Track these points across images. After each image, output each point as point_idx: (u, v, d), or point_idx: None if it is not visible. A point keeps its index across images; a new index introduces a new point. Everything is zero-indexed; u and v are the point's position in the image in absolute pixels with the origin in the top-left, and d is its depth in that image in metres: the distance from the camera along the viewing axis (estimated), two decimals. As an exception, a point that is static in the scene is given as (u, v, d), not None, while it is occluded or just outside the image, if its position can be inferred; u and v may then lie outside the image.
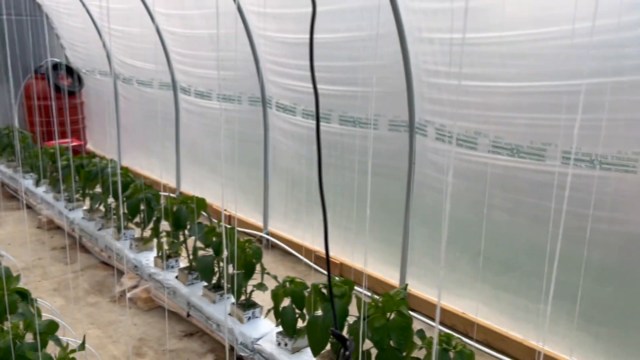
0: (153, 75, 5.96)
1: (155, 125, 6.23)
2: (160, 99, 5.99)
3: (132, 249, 4.00)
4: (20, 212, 5.61)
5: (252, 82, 4.62)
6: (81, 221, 4.63)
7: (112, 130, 7.05)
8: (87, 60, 7.26)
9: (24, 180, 5.76)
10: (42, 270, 4.26)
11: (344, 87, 3.75)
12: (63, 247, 4.73)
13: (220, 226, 3.22)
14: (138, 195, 3.82)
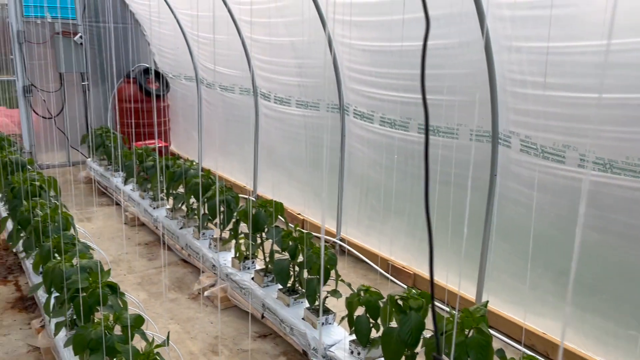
0: (235, 81, 6.16)
1: (235, 128, 6.43)
2: (241, 104, 6.18)
3: (211, 248, 4.15)
4: (109, 208, 5.97)
5: (331, 89, 4.66)
6: (164, 219, 4.86)
7: (194, 133, 7.35)
8: (174, 66, 7.62)
9: (114, 178, 6.12)
10: (128, 264, 4.51)
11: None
12: (147, 243, 4.98)
13: (296, 231, 3.26)
14: (219, 197, 3.94)
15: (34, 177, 3.87)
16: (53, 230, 3.25)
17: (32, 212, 3.44)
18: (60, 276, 2.67)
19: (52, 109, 7.54)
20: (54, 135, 7.56)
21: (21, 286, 4.02)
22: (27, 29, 7.17)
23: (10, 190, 3.82)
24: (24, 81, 7.27)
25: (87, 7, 7.50)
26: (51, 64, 7.41)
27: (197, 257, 4.26)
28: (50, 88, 7.49)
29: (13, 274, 4.24)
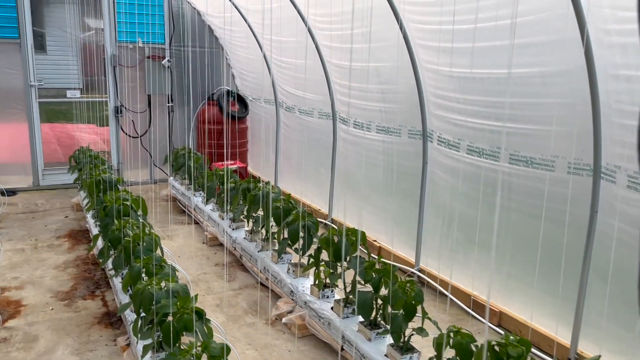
0: (314, 105, 6.20)
1: (312, 152, 6.45)
2: (319, 128, 6.20)
3: (289, 273, 4.12)
4: (189, 227, 6.12)
5: (414, 115, 4.56)
6: (242, 241, 4.90)
7: (271, 155, 7.45)
8: (254, 89, 7.80)
9: (194, 197, 6.29)
10: (206, 285, 4.57)
11: (517, 125, 3.52)
12: (224, 264, 5.04)
13: (379, 262, 3.17)
14: (299, 222, 3.93)
15: (124, 197, 4.02)
16: (141, 250, 3.34)
17: (122, 231, 3.56)
18: (149, 299, 2.72)
19: (139, 129, 7.90)
20: (138, 153, 7.91)
21: (108, 302, 4.15)
22: (120, 52, 7.60)
23: (102, 209, 3.98)
24: (115, 102, 7.68)
25: (175, 32, 7.86)
26: (140, 86, 7.79)
27: (275, 281, 4.25)
28: (138, 109, 7.86)
29: (100, 288, 4.41)
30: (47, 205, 6.81)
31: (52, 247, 5.34)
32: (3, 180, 7.15)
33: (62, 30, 7.78)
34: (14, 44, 6.99)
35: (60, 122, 8.87)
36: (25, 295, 4.24)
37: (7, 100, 7.12)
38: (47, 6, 9.04)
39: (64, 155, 7.88)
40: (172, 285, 2.75)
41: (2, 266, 4.78)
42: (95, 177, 4.81)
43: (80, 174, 6.11)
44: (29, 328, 3.72)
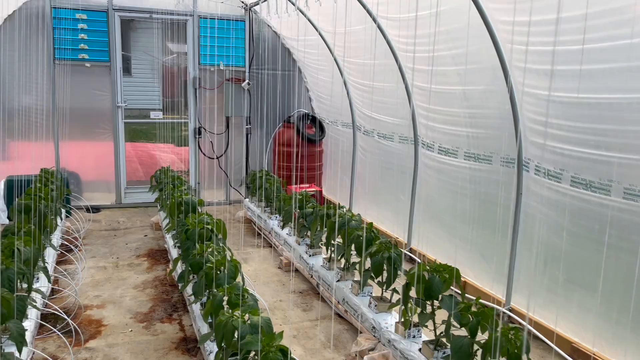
0: (395, 129, 6.00)
1: (390, 177, 6.23)
2: (399, 152, 5.98)
3: (370, 307, 3.90)
4: (264, 250, 6.04)
5: (507, 142, 4.25)
6: (320, 269, 4.74)
7: (346, 178, 7.29)
8: (331, 112, 7.72)
9: (270, 220, 6.22)
10: (283, 313, 4.42)
11: (633, 155, 3.15)
12: (301, 292, 4.89)
13: (475, 304, 2.89)
14: (382, 253, 3.71)
15: (205, 220, 3.96)
16: (222, 277, 3.24)
17: (204, 257, 3.49)
18: (232, 332, 2.59)
19: (217, 150, 8.00)
20: (215, 174, 8.00)
21: (185, 326, 4.09)
22: (201, 75, 7.76)
23: (184, 232, 3.94)
24: (195, 123, 7.83)
25: (254, 55, 7.95)
26: (219, 108, 7.91)
27: (355, 314, 4.03)
28: (216, 130, 7.97)
29: (177, 312, 4.37)
30: (128, 223, 6.98)
31: (132, 266, 5.41)
32: (89, 197, 7.42)
33: (147, 54, 8.07)
34: (104, 67, 7.30)
35: (142, 141, 9.18)
36: (106, 314, 4.27)
37: (96, 121, 7.42)
38: (134, 31, 9.45)
39: (145, 173, 8.11)
40: (256, 319, 2.61)
41: (86, 283, 4.86)
42: (177, 199, 4.82)
43: (161, 194, 6.20)
44: (109, 350, 3.71)
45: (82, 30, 7.10)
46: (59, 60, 7.05)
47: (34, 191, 4.72)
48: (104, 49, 7.24)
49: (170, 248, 5.26)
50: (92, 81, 7.30)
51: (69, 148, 7.34)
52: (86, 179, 7.54)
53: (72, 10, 6.99)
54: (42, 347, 3.67)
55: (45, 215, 4.46)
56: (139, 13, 7.44)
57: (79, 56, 7.14)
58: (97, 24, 7.17)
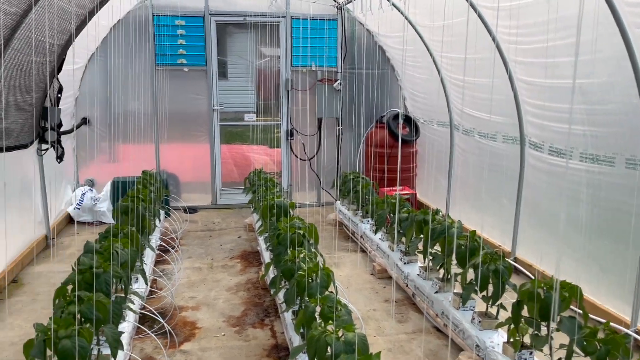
0: (498, 128, 5.56)
1: (492, 180, 5.80)
2: (502, 153, 5.54)
3: (474, 323, 3.57)
4: (355, 255, 5.85)
5: (634, 142, 3.73)
6: (416, 278, 4.46)
7: (443, 181, 6.91)
8: (426, 111, 7.37)
9: (362, 224, 6.01)
10: (376, 324, 4.20)
11: None
12: (395, 301, 4.64)
13: (605, 329, 2.50)
14: (488, 265, 3.37)
15: (298, 225, 3.84)
16: (314, 287, 3.08)
17: (296, 263, 3.36)
18: (324, 348, 2.42)
19: (308, 152, 7.93)
20: (307, 176, 7.94)
21: (276, 333, 4.00)
22: (293, 77, 7.73)
23: (276, 237, 3.84)
24: (288, 125, 7.81)
25: (347, 55, 7.79)
26: (311, 110, 7.84)
27: (456, 330, 3.72)
28: (308, 132, 7.91)
29: (269, 317, 4.29)
30: (223, 224, 7.08)
31: (225, 267, 5.44)
32: (186, 197, 7.65)
33: (242, 58, 8.18)
34: (201, 71, 7.49)
35: (236, 143, 9.35)
36: (200, 317, 4.28)
37: (193, 124, 7.63)
38: (229, 36, 9.66)
39: (239, 175, 8.23)
40: (351, 335, 2.42)
41: (182, 284, 4.94)
42: (269, 201, 4.76)
43: (254, 196, 6.22)
44: (202, 354, 3.69)
45: (181, 36, 7.32)
46: (159, 66, 7.32)
47: (135, 193, 4.86)
48: (201, 53, 7.42)
49: (263, 251, 5.22)
50: (189, 85, 7.51)
51: (168, 150, 7.60)
52: (184, 180, 7.78)
53: (172, 17, 7.22)
54: (140, 348, 3.72)
55: (144, 216, 4.57)
56: (233, 17, 7.55)
57: (177, 61, 7.37)
58: (195, 29, 7.36)
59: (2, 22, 3.57)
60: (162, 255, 5.39)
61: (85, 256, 3.05)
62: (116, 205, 4.73)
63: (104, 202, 6.90)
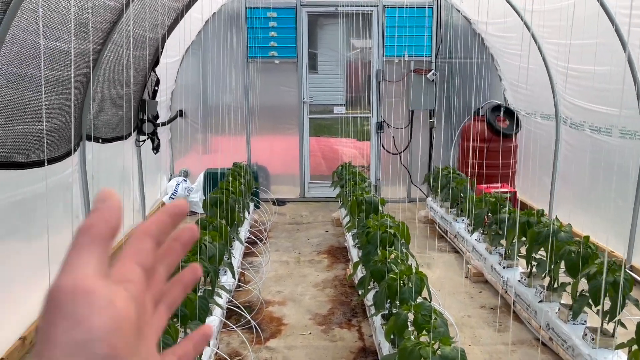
0: (612, 121, 4.99)
1: (604, 178, 5.22)
2: (617, 149, 4.97)
3: (585, 340, 3.18)
4: (448, 256, 5.53)
5: None
6: (517, 284, 4.10)
7: (546, 178, 6.38)
8: (529, 102, 6.84)
9: (456, 223, 5.68)
10: (472, 332, 3.90)
11: None
12: (492, 308, 4.30)
13: None
14: (606, 276, 2.98)
15: (388, 224, 3.63)
16: (406, 291, 2.87)
17: (386, 265, 3.16)
18: (419, 362, 2.20)
19: (399, 145, 7.66)
20: (396, 170, 7.67)
21: (364, 335, 3.83)
22: (385, 67, 7.48)
23: (365, 235, 3.66)
24: (378, 118, 7.59)
25: (442, 44, 7.41)
26: (402, 102, 7.55)
27: (563, 345, 3.35)
28: (399, 125, 7.63)
29: (356, 317, 4.13)
30: (310, 218, 7.02)
31: (312, 262, 5.35)
32: (275, 190, 7.67)
33: (332, 50, 8.05)
34: (291, 63, 7.45)
35: (325, 136, 9.28)
36: (287, 312, 4.21)
37: (283, 116, 7.63)
38: (320, 28, 9.59)
39: (327, 168, 8.14)
40: (448, 350, 2.19)
41: (269, 278, 4.90)
42: (358, 197, 4.59)
43: (342, 190, 6.07)
44: (287, 352, 3.60)
45: (272, 28, 7.32)
46: (251, 59, 7.36)
47: (225, 185, 4.88)
48: (292, 45, 7.38)
49: (350, 247, 5.06)
50: (280, 78, 7.50)
51: (259, 142, 7.66)
52: (273, 173, 7.80)
53: (264, 9, 7.23)
54: (226, 342, 3.70)
55: (234, 209, 4.56)
56: (325, 7, 7.42)
57: (269, 54, 7.38)
58: (286, 20, 7.32)
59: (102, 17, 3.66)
60: (250, 247, 5.40)
61: (175, 249, 3.04)
62: (207, 197, 4.78)
63: (196, 192, 7.08)
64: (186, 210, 0.46)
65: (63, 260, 0.39)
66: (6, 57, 2.93)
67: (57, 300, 0.37)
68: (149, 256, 0.43)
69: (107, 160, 5.02)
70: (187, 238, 0.47)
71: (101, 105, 4.63)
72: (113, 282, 0.39)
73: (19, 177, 3.39)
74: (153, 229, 0.44)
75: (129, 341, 0.37)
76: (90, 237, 0.40)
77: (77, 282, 0.37)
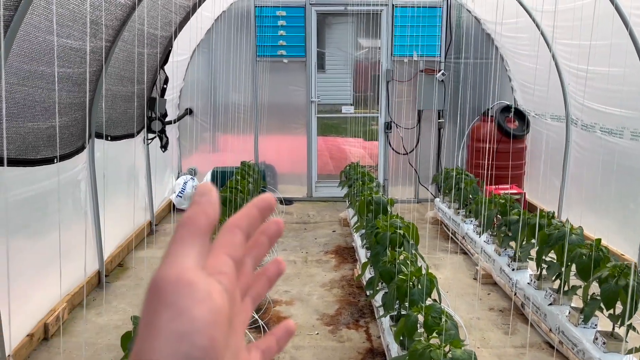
0: (624, 123, 4.94)
1: (615, 181, 5.17)
2: (629, 152, 4.92)
3: (596, 344, 3.15)
4: (456, 257, 5.50)
5: None
6: (526, 287, 4.06)
7: (556, 180, 6.33)
8: (539, 103, 6.79)
9: (464, 224, 5.65)
10: (481, 334, 3.87)
11: None
12: (501, 310, 4.27)
13: None
14: (618, 280, 2.95)
15: (397, 224, 3.61)
16: (416, 293, 2.84)
17: (395, 264, 3.14)
18: (429, 365, 2.18)
19: (407, 145, 7.63)
20: (404, 170, 7.63)
21: (372, 336, 3.81)
22: (394, 67, 7.45)
23: (374, 235, 3.64)
24: (386, 117, 7.56)
25: (451, 43, 7.37)
26: (411, 102, 7.52)
27: (574, 349, 3.31)
28: (408, 125, 7.60)
29: (364, 318, 4.11)
30: (318, 217, 7.00)
31: (320, 262, 5.33)
32: (283, 189, 7.65)
33: (340, 50, 8.02)
34: (300, 62, 7.43)
35: (332, 135, 9.25)
36: (294, 312, 4.20)
37: (291, 115, 7.61)
38: (328, 27, 9.56)
39: (334, 167, 8.11)
40: (459, 353, 2.16)
41: (276, 277, 4.88)
42: (366, 197, 4.57)
43: (350, 190, 6.05)
44: (295, 352, 3.59)
45: (281, 27, 7.30)
46: (260, 58, 7.35)
47: (233, 184, 4.87)
48: (301, 44, 7.36)
49: (358, 247, 5.04)
50: (288, 77, 7.49)
51: (267, 141, 7.65)
52: (281, 172, 7.79)
53: (273, 7, 7.22)
54: (233, 341, 3.69)
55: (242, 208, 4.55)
56: (334, 6, 7.40)
57: (277, 53, 7.37)
58: (295, 19, 7.30)
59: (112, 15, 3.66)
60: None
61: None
62: (215, 195, 4.77)
63: (204, 191, 7.06)
64: (274, 205, 0.48)
65: (165, 252, 0.40)
66: (17, 53, 2.93)
67: (161, 291, 0.38)
68: (239, 249, 0.44)
69: (115, 158, 5.02)
70: (273, 231, 0.49)
71: (110, 103, 4.63)
72: (208, 274, 0.40)
73: (26, 174, 3.39)
74: (243, 222, 0.45)
75: (224, 333, 0.38)
76: (191, 230, 0.41)
77: (180, 273, 0.39)
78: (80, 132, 4.08)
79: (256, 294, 0.49)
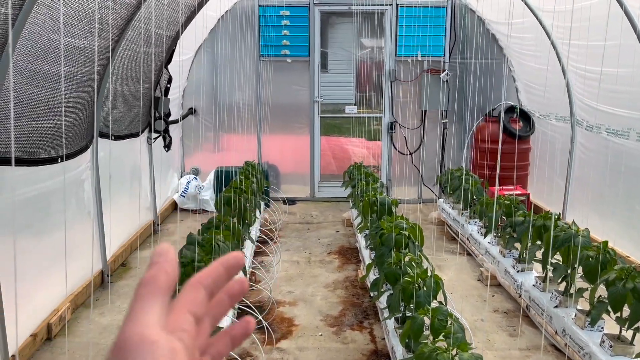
0: (631, 124, 4.91)
1: (622, 183, 5.14)
2: (635, 153, 4.89)
3: (603, 347, 3.13)
4: (460, 258, 5.48)
5: None
6: (531, 288, 4.04)
7: (560, 181, 6.29)
8: (543, 104, 6.76)
9: (468, 225, 5.62)
10: (485, 336, 3.85)
11: None
12: (506, 312, 4.25)
13: None
14: (625, 282, 2.92)
15: (402, 225, 3.59)
16: (422, 295, 2.82)
17: (400, 266, 3.12)
18: (436, 368, 2.16)
19: (411, 146, 7.61)
20: (407, 171, 7.61)
21: (376, 338, 3.79)
22: (398, 67, 7.42)
23: (378, 237, 3.62)
24: (390, 118, 7.54)
25: (455, 43, 7.34)
26: (415, 102, 7.49)
27: (580, 352, 3.29)
28: (411, 125, 7.58)
29: (368, 319, 4.09)
30: (321, 218, 6.98)
31: (323, 263, 5.31)
32: (286, 189, 7.64)
33: (343, 50, 8.02)
34: (303, 62, 7.41)
35: (335, 135, 9.24)
36: (298, 313, 4.18)
37: (294, 115, 7.59)
38: (332, 27, 9.55)
39: (337, 167, 8.10)
40: (466, 357, 2.14)
41: (279, 277, 4.87)
42: (370, 198, 4.55)
43: (353, 190, 6.03)
44: (299, 354, 3.57)
45: (285, 27, 7.28)
46: (264, 57, 7.34)
47: (237, 184, 4.86)
48: (304, 44, 7.34)
49: (362, 248, 5.02)
50: (292, 76, 7.47)
51: (270, 141, 7.63)
52: (284, 172, 7.77)
53: (277, 7, 7.20)
54: (237, 342, 3.67)
55: (246, 208, 4.54)
56: (338, 6, 7.38)
57: (281, 52, 7.35)
58: (299, 19, 7.28)
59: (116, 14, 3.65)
60: (260, 246, 5.38)
61: (188, 248, 3.02)
62: (219, 195, 4.76)
63: (207, 190, 7.06)
64: (242, 264, 0.49)
65: (128, 310, 0.42)
66: (22, 53, 2.92)
67: (125, 349, 0.41)
68: (201, 306, 0.46)
69: (118, 158, 5.01)
70: (236, 291, 0.50)
71: (114, 102, 4.61)
72: (169, 331, 0.42)
73: (29, 174, 3.38)
74: (208, 280, 0.47)
75: None
76: (152, 289, 0.43)
77: (142, 332, 0.41)
78: (84, 131, 4.06)
79: (217, 353, 0.49)
